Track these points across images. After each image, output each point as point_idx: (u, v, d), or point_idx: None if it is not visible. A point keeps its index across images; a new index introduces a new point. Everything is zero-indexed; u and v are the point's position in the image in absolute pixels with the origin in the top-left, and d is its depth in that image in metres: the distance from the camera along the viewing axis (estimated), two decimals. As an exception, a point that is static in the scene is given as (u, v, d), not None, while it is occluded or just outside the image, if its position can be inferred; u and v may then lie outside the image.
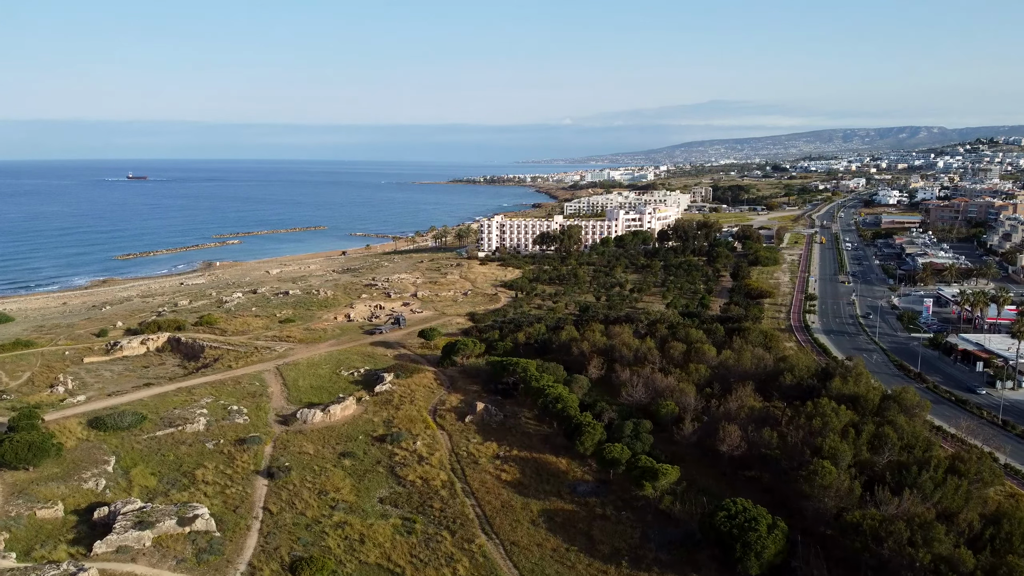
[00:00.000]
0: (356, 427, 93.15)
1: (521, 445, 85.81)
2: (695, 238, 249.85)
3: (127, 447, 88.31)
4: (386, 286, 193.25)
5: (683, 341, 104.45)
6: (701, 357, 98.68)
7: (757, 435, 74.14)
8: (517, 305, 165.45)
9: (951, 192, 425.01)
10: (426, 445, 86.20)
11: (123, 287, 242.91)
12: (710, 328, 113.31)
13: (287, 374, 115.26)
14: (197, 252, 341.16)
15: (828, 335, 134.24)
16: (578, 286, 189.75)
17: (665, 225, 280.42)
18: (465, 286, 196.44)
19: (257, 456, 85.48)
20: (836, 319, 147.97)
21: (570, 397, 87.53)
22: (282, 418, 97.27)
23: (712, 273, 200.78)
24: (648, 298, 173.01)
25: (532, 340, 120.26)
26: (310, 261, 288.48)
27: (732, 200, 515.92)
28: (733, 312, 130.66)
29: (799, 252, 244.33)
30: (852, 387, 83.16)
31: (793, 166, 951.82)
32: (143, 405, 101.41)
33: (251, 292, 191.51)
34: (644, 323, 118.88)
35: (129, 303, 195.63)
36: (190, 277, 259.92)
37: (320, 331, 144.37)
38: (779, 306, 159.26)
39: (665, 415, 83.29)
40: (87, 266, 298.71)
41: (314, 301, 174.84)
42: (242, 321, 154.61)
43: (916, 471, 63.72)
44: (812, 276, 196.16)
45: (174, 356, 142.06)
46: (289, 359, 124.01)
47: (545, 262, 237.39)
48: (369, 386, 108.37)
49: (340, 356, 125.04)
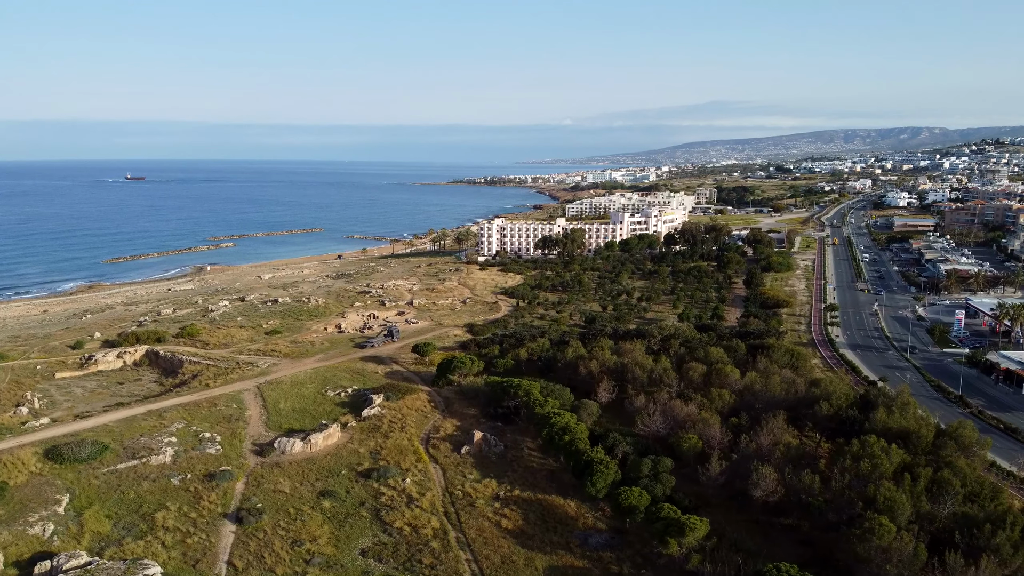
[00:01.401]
0: (339, 459, 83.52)
1: (524, 483, 76.14)
2: (703, 242, 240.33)
3: (84, 483, 78.70)
4: (380, 293, 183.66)
5: (702, 361, 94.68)
6: (723, 380, 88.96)
7: (796, 478, 64.48)
8: (518, 315, 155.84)
9: (962, 194, 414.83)
10: (417, 482, 76.57)
11: (109, 293, 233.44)
12: (730, 345, 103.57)
13: (268, 394, 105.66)
14: (189, 255, 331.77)
15: (854, 350, 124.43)
16: (583, 293, 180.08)
17: (672, 228, 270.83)
18: (464, 293, 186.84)
19: (227, 495, 75.87)
20: (860, 332, 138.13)
21: (578, 428, 77.90)
22: (258, 447, 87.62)
23: (723, 280, 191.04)
24: (657, 307, 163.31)
25: (535, 357, 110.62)
26: (304, 265, 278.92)
27: (737, 202, 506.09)
28: (753, 326, 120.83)
29: (812, 257, 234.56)
30: (899, 419, 73.42)
31: (796, 167, 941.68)
32: (107, 431, 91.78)
33: (239, 300, 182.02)
34: (657, 338, 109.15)
35: (111, 311, 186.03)
36: (179, 282, 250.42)
37: (307, 344, 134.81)
38: (798, 317, 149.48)
39: (687, 450, 73.64)
40: (75, 271, 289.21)
41: (304, 310, 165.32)
42: (226, 333, 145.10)
43: (989, 529, 54.06)
44: (829, 283, 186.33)
45: (152, 371, 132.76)
46: (272, 376, 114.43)
47: (547, 267, 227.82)
48: (356, 409, 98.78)
49: (327, 373, 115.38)
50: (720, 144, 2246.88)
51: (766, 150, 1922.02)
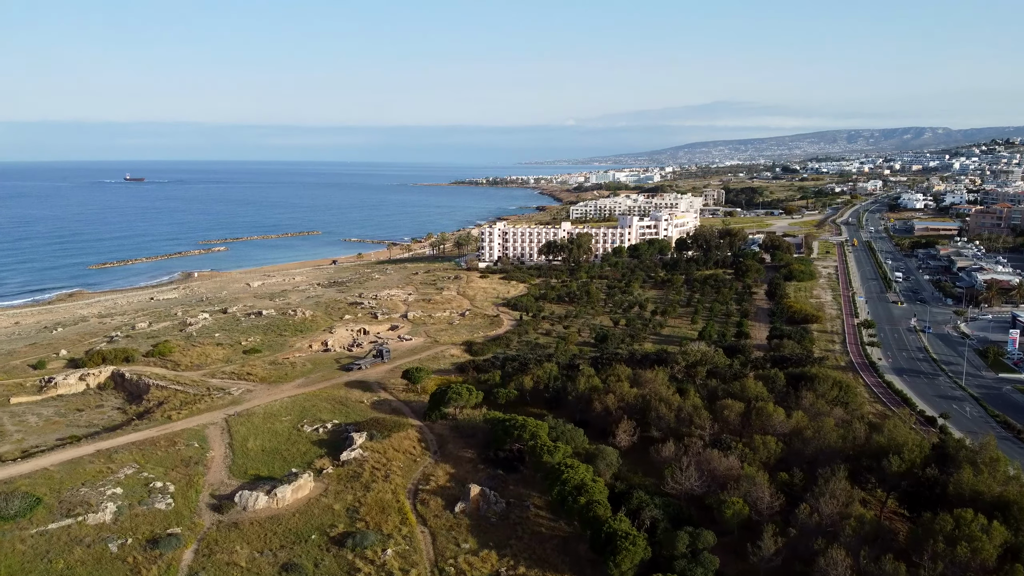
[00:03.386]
0: (309, 519, 70.16)
1: (530, 555, 62.71)
2: (717, 248, 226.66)
3: (7, 548, 65.34)
4: (373, 305, 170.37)
5: (738, 397, 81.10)
6: (766, 422, 75.44)
7: (875, 566, 50.97)
8: (522, 331, 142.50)
9: (981, 196, 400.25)
10: (400, 553, 63.21)
11: (88, 303, 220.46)
12: (767, 375, 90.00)
13: (236, 430, 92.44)
14: (179, 260, 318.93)
15: (900, 376, 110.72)
16: (591, 305, 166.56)
17: (683, 233, 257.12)
18: (462, 305, 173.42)
19: (170, 568, 62.53)
20: (903, 353, 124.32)
21: (595, 486, 64.45)
22: (217, 500, 74.29)
23: (743, 290, 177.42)
24: (674, 321, 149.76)
25: (541, 386, 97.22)
26: (296, 271, 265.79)
27: (746, 203, 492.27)
28: (788, 349, 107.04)
29: (833, 264, 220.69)
30: (989, 481, 59.85)
31: (803, 167, 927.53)
32: (47, 478, 78.55)
33: (221, 312, 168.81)
34: (681, 365, 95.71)
35: (84, 324, 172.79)
36: (164, 290, 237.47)
37: (288, 366, 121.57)
38: (830, 335, 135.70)
39: (731, 518, 60.16)
40: (59, 277, 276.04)
41: (289, 324, 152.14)
42: (200, 352, 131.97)
43: None
44: (858, 295, 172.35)
45: (116, 395, 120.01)
46: (244, 406, 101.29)
47: (552, 275, 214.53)
48: (335, 449, 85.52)
49: (305, 403, 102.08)
50: (723, 144, 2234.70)
51: (769, 150, 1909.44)
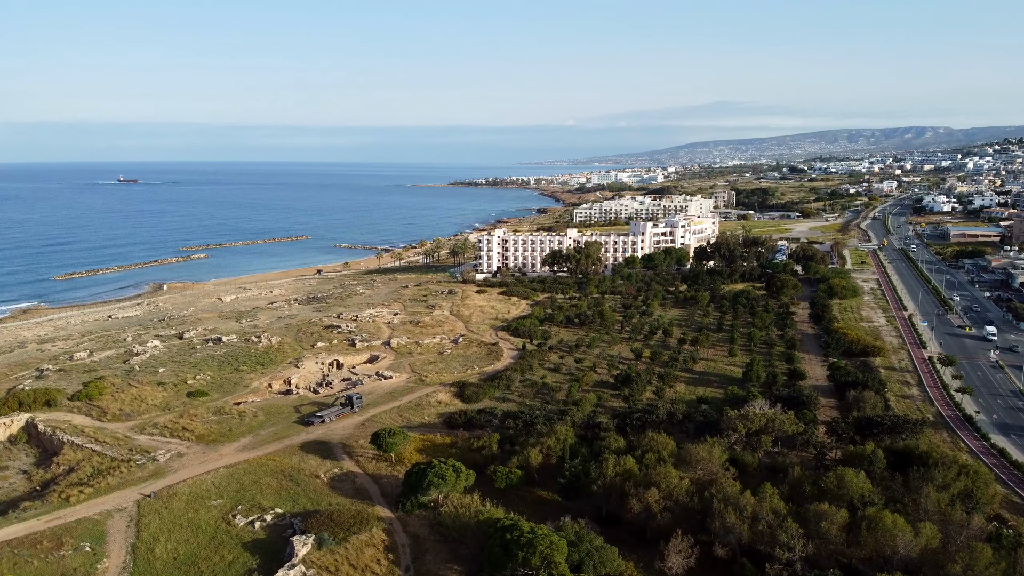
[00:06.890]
0: None
1: None
2: (743, 258, 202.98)
3: None
4: (352, 328, 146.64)
5: (833, 496, 57.30)
6: (880, 538, 51.79)
7: None
8: (525, 365, 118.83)
9: (1013, 199, 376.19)
10: None
11: (38, 320, 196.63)
12: (860, 453, 66.27)
13: (147, 523, 68.92)
14: (154, 270, 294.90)
15: (1006, 435, 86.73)
16: (606, 330, 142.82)
17: (702, 241, 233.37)
18: (456, 329, 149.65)
19: None
20: (997, 400, 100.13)
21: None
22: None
23: (780, 310, 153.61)
24: (707, 352, 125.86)
25: (553, 461, 73.61)
26: (276, 283, 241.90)
27: (759, 206, 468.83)
28: (870, 404, 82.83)
29: (873, 276, 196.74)
30: None
31: (810, 167, 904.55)
32: None
33: (176, 337, 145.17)
34: (741, 433, 72.09)
35: (21, 351, 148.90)
36: (125, 306, 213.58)
37: (235, 418, 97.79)
38: (900, 372, 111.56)
39: None
40: (17, 291, 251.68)
41: (250, 354, 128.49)
42: (135, 394, 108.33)
43: None
44: (917, 317, 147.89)
45: (29, 450, 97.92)
46: (167, 481, 77.91)
47: (558, 288, 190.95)
48: (271, 559, 62.05)
49: (245, 478, 78.38)
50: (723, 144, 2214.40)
51: (770, 150, 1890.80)
